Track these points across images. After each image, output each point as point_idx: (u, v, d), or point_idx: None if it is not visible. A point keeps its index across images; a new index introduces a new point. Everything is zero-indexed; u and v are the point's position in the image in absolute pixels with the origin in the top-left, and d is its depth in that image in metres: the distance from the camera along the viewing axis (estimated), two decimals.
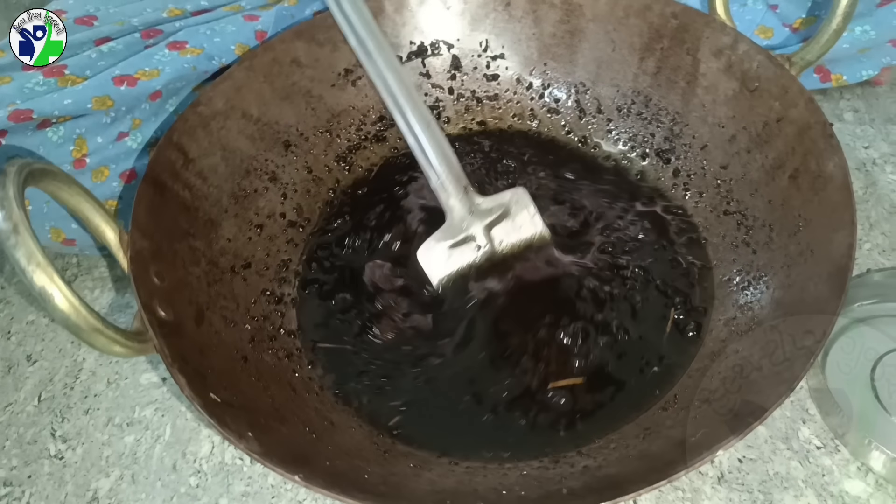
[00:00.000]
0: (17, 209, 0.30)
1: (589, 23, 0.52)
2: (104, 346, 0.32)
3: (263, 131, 0.50)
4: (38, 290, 0.30)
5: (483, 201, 0.44)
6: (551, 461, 0.36)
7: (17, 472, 0.42)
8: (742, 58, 0.44)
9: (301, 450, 0.34)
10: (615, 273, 0.44)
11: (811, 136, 0.38)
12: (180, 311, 0.38)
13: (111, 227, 0.38)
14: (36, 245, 0.30)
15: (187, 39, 0.48)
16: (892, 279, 0.44)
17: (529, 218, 0.45)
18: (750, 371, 0.34)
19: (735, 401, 0.33)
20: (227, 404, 0.33)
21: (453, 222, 0.44)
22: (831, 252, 0.34)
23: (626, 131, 0.52)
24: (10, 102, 0.43)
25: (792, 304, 0.35)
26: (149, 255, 0.38)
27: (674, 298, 0.43)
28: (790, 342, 0.32)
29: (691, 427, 0.33)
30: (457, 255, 0.44)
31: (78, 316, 0.30)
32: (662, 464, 0.30)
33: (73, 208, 0.37)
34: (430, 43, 0.55)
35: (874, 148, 0.55)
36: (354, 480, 0.32)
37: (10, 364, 0.48)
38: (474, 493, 0.33)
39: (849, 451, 0.38)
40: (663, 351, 0.40)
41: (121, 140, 0.47)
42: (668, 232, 0.46)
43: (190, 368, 0.34)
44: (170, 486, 0.40)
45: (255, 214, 0.48)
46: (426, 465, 0.36)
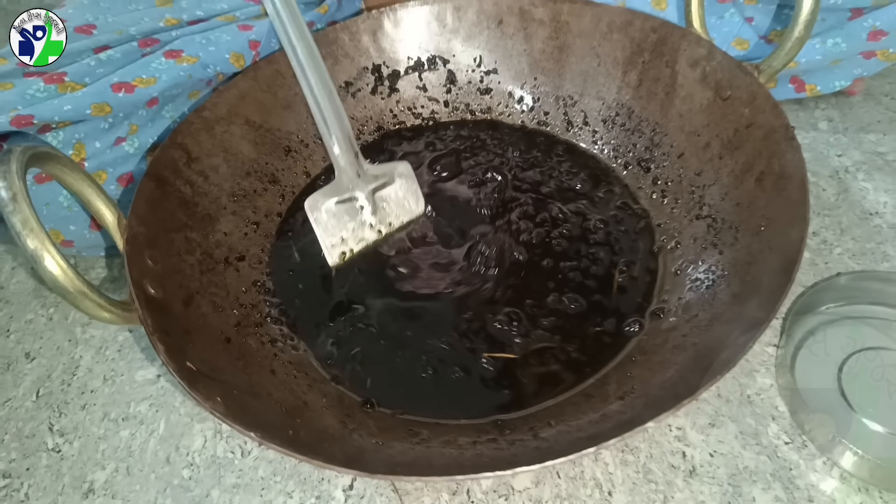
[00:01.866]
0: (17, 181, 0.33)
1: (576, 39, 0.54)
2: (90, 308, 0.35)
3: (265, 137, 0.52)
4: (31, 253, 0.32)
5: (370, 168, 0.50)
6: (501, 433, 0.38)
7: (16, 464, 0.43)
8: (716, 68, 0.46)
9: (267, 419, 0.36)
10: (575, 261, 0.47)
11: (775, 138, 0.40)
12: (170, 293, 0.40)
13: (111, 210, 0.40)
14: (32, 213, 0.33)
15: (183, 48, 0.50)
16: (858, 282, 0.46)
17: (411, 189, 0.51)
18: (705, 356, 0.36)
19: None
20: (202, 374, 0.35)
21: (342, 181, 0.49)
22: (786, 247, 0.36)
23: (611, 142, 0.55)
24: (12, 108, 0.44)
25: (747, 296, 0.37)
26: (144, 241, 0.40)
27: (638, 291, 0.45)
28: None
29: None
30: (342, 210, 0.49)
31: (66, 278, 0.33)
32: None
33: (76, 191, 0.40)
34: (427, 58, 0.58)
35: (847, 156, 0.57)
36: (313, 447, 0.34)
37: (10, 361, 0.49)
38: (428, 467, 0.35)
39: (815, 447, 0.39)
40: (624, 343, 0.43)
41: (118, 145, 0.49)
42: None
43: (171, 340, 0.36)
44: (163, 478, 0.42)
45: (253, 212, 0.50)
46: (388, 444, 0.38)
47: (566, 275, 0.46)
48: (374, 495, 0.39)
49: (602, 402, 0.39)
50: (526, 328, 0.44)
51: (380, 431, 0.38)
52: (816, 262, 0.49)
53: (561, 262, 0.47)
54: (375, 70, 0.58)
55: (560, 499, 0.38)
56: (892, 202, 0.53)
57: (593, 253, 0.47)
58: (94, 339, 0.50)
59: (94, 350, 0.49)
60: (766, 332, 0.44)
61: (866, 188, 0.54)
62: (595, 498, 0.38)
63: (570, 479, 0.39)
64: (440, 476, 0.32)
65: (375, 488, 0.40)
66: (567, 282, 0.46)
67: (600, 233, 0.48)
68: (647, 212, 0.50)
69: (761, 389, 0.42)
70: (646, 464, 0.40)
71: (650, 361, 0.40)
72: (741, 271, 0.40)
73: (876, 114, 0.61)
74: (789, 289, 0.33)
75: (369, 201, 0.50)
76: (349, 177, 0.49)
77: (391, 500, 0.39)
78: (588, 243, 0.48)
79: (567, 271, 0.46)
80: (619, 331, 0.43)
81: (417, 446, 0.37)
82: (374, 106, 0.59)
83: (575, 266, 0.46)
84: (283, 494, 0.40)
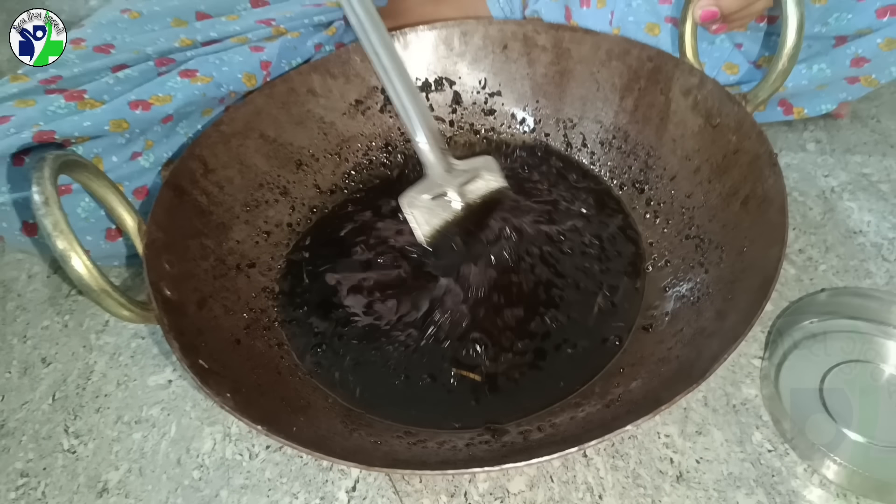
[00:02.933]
0: (49, 187, 0.35)
1: (576, 64, 0.57)
2: (111, 307, 0.37)
3: (278, 151, 0.55)
4: (60, 253, 0.35)
5: (458, 163, 0.51)
6: (492, 436, 0.40)
7: (34, 464, 0.45)
8: (707, 96, 0.48)
9: (273, 415, 0.38)
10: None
11: (759, 164, 0.43)
12: (185, 296, 0.42)
13: (131, 216, 0.42)
14: (62, 216, 0.35)
15: (198, 68, 0.52)
16: (840, 297, 0.48)
17: (497, 179, 0.52)
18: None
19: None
20: (213, 371, 0.37)
21: (433, 178, 0.50)
22: (765, 266, 0.38)
23: (608, 163, 0.57)
24: (34, 124, 0.47)
25: (728, 312, 0.39)
26: (162, 245, 0.43)
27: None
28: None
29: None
30: (435, 205, 0.50)
31: (90, 277, 0.35)
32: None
33: (100, 197, 0.42)
34: (434, 80, 0.61)
35: (833, 176, 0.59)
36: (315, 442, 0.35)
37: (27, 366, 0.51)
38: (422, 463, 0.37)
39: (797, 455, 0.41)
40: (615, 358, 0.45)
41: (134, 159, 0.51)
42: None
43: (185, 339, 0.38)
44: (174, 478, 0.44)
45: (265, 222, 0.53)
46: (386, 442, 0.39)
47: (559, 289, 0.48)
48: (375, 496, 0.41)
49: (590, 409, 0.41)
50: (511, 342, 0.45)
51: (378, 432, 0.40)
52: (802, 278, 0.51)
53: (555, 277, 0.48)
54: (385, 90, 0.60)
55: (553, 501, 0.40)
56: (876, 221, 0.55)
57: (587, 267, 0.49)
58: (107, 345, 0.52)
59: (107, 356, 0.51)
60: (752, 345, 0.47)
61: (851, 208, 0.57)
62: (587, 501, 0.40)
63: (563, 482, 0.41)
64: (435, 471, 0.34)
65: (377, 490, 0.42)
66: (559, 296, 0.47)
67: (595, 248, 0.50)
68: (639, 232, 0.52)
69: (746, 399, 0.44)
70: (635, 469, 0.41)
71: (636, 372, 0.42)
72: (724, 289, 0.42)
73: (862, 136, 0.64)
74: (765, 305, 0.35)
75: (459, 195, 0.50)
76: (438, 172, 0.50)
77: (392, 502, 0.41)
78: (582, 258, 0.50)
79: (560, 287, 0.48)
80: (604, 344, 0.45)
81: (414, 446, 0.39)
82: (383, 123, 0.61)
83: (569, 283, 0.48)
84: (288, 495, 0.42)
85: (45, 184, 0.35)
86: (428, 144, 0.50)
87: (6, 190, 0.47)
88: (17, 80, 0.51)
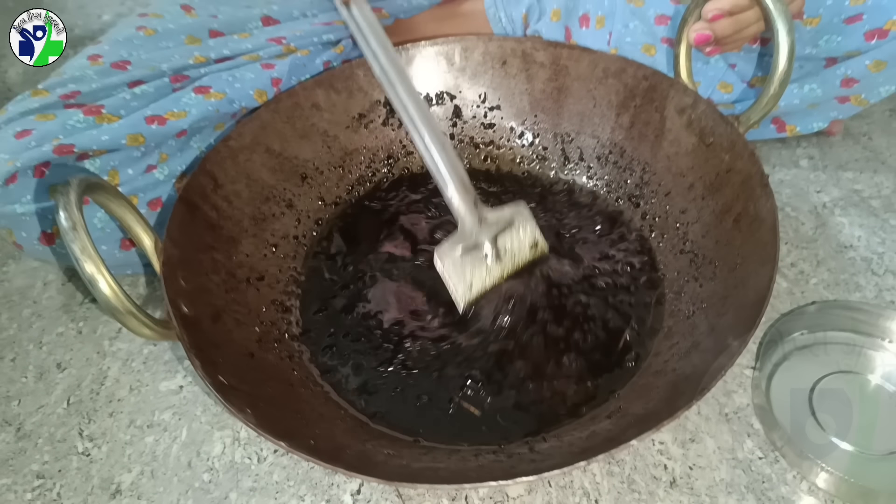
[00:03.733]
0: (76, 212, 0.36)
1: (574, 81, 0.58)
2: (135, 327, 0.38)
3: (283, 164, 0.56)
4: (88, 276, 0.36)
5: (490, 213, 0.48)
6: (500, 447, 0.42)
7: (49, 466, 0.47)
8: (700, 116, 0.50)
9: (290, 429, 0.39)
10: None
11: (751, 184, 0.44)
12: (200, 311, 0.44)
13: (148, 236, 0.44)
14: (89, 241, 0.36)
15: (211, 84, 0.54)
16: (829, 310, 0.49)
17: (531, 229, 0.49)
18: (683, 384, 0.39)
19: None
20: (232, 387, 0.39)
21: (465, 230, 0.47)
22: (757, 283, 0.39)
23: (604, 178, 0.59)
24: (54, 137, 0.48)
25: (722, 328, 0.41)
26: (177, 262, 0.44)
27: (629, 323, 0.48)
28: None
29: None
30: (468, 260, 0.47)
31: (117, 299, 0.37)
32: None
33: (119, 217, 0.43)
34: (436, 94, 0.62)
35: (825, 192, 0.61)
36: (334, 455, 0.36)
37: (42, 371, 0.53)
38: (435, 475, 0.38)
39: (787, 462, 0.43)
40: (609, 373, 0.46)
41: (149, 172, 0.53)
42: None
43: (204, 356, 0.39)
44: (185, 481, 0.45)
45: (271, 235, 0.54)
46: (399, 454, 0.41)
47: (584, 330, 0.48)
48: (379, 500, 0.43)
49: (591, 421, 0.42)
50: (520, 370, 0.46)
51: (389, 443, 0.42)
52: (794, 291, 0.53)
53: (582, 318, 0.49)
54: (387, 103, 0.62)
55: None
56: (866, 236, 0.57)
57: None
58: (120, 351, 0.54)
59: (120, 362, 0.53)
60: (745, 356, 0.48)
61: (842, 223, 0.58)
62: None
63: (561, 488, 0.43)
64: (447, 484, 0.35)
65: (381, 493, 0.43)
66: (583, 338, 0.48)
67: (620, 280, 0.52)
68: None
69: (738, 408, 0.46)
70: (630, 475, 0.43)
71: (635, 385, 0.44)
72: (718, 304, 0.43)
73: (854, 153, 0.65)
74: (759, 322, 0.37)
75: (493, 246, 0.48)
76: (471, 224, 0.47)
77: None
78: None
79: (586, 329, 0.48)
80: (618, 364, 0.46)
81: (424, 457, 0.41)
82: (385, 136, 0.63)
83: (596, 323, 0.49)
84: (295, 498, 0.43)
85: (71, 209, 0.36)
86: (459, 196, 0.47)
87: (27, 200, 0.49)
88: (37, 95, 0.53)
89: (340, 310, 0.51)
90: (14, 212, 0.48)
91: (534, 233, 0.49)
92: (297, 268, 0.55)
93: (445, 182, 0.47)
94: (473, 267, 0.48)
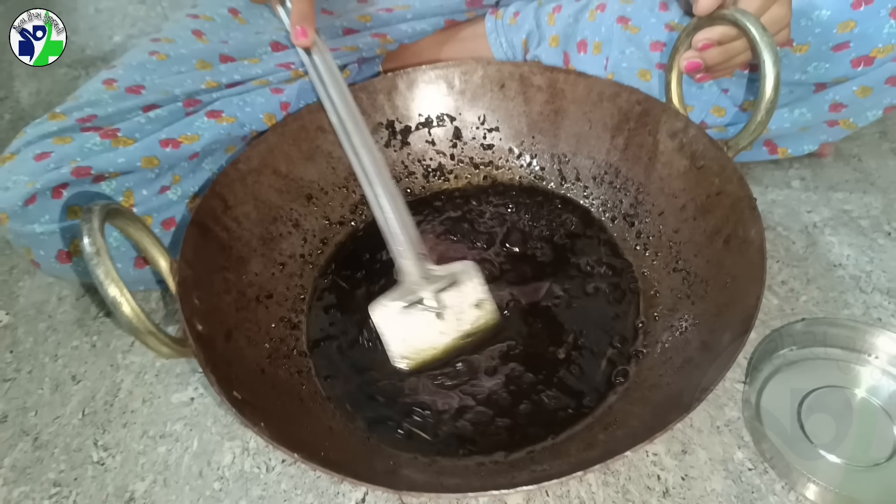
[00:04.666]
0: (99, 238, 0.38)
1: (570, 104, 0.61)
2: (155, 345, 0.40)
3: (290, 185, 0.58)
4: (111, 299, 0.38)
5: (435, 269, 0.49)
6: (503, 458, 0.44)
7: (65, 474, 0.49)
8: (691, 140, 0.52)
9: (302, 442, 0.41)
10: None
11: (740, 207, 0.46)
12: (213, 329, 0.45)
13: (164, 257, 0.46)
14: (112, 265, 0.38)
15: (223, 109, 0.57)
16: (817, 327, 0.51)
17: (476, 287, 0.50)
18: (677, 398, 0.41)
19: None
20: (246, 402, 0.40)
21: (407, 285, 0.49)
22: (746, 302, 0.41)
23: (600, 197, 0.61)
24: (72, 160, 0.51)
25: (713, 344, 0.42)
26: (191, 282, 0.46)
27: (616, 338, 0.51)
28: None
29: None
30: (408, 316, 0.49)
31: (138, 320, 0.38)
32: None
33: (136, 241, 0.45)
34: (436, 116, 0.65)
35: (816, 212, 0.63)
36: (344, 466, 0.38)
37: (58, 383, 0.55)
38: (439, 484, 0.40)
39: (776, 473, 0.45)
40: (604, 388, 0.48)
41: (163, 193, 0.55)
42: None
43: (219, 372, 0.41)
44: (196, 489, 0.47)
45: (279, 254, 0.56)
46: (403, 465, 0.43)
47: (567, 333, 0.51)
48: None
49: (589, 434, 0.44)
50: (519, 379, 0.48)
51: (394, 455, 0.44)
52: (784, 308, 0.55)
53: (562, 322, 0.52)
54: (389, 125, 0.64)
55: None
56: (855, 255, 0.59)
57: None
58: (133, 364, 0.56)
59: (133, 374, 0.55)
60: (735, 370, 0.50)
61: (832, 242, 0.60)
62: None
63: (558, 497, 0.44)
64: (452, 493, 0.36)
65: (385, 502, 0.45)
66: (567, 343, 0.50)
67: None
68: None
69: (730, 421, 0.48)
70: (625, 485, 0.45)
71: (631, 398, 0.45)
72: (709, 321, 0.45)
73: (844, 174, 0.67)
74: (747, 338, 0.38)
75: (435, 301, 0.49)
76: (414, 279, 0.49)
77: None
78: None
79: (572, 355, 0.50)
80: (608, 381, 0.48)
81: (430, 468, 0.43)
82: (387, 158, 0.65)
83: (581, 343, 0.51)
84: None
85: (95, 235, 0.38)
86: (404, 253, 0.49)
87: (46, 220, 0.50)
88: (55, 118, 0.55)
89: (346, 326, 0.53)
90: (33, 231, 0.50)
91: (478, 291, 0.50)
92: (304, 285, 0.56)
93: (393, 236, 0.49)
94: (416, 325, 0.49)
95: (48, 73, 0.99)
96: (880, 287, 0.56)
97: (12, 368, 0.57)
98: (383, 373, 0.49)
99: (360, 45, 0.65)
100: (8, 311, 0.62)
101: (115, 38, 1.08)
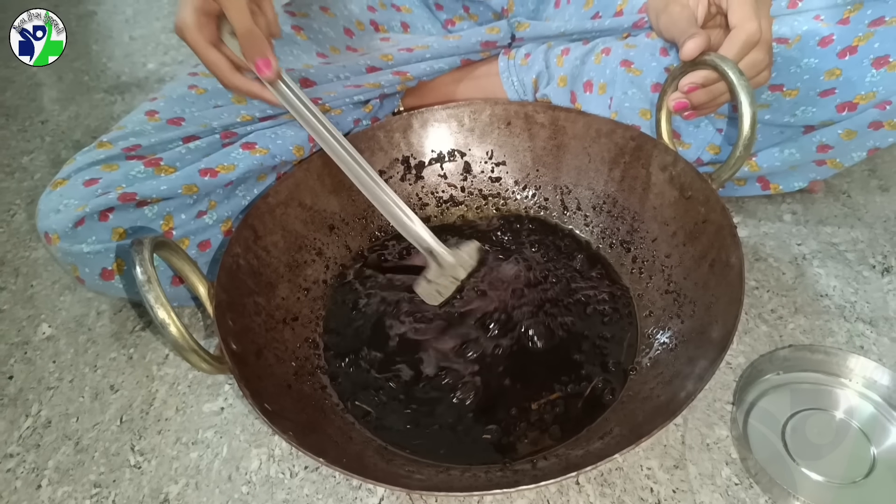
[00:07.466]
0: (149, 266, 0.42)
1: (571, 140, 0.65)
2: (196, 362, 0.44)
3: (314, 217, 0.63)
4: (160, 321, 0.42)
5: (448, 256, 0.56)
6: (507, 465, 0.47)
7: (105, 476, 0.53)
8: (680, 173, 0.57)
9: (325, 449, 0.44)
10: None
11: (723, 234, 0.50)
12: (245, 348, 0.50)
13: (202, 283, 0.50)
14: (161, 291, 0.42)
15: (256, 141, 0.61)
16: (801, 353, 0.55)
17: (470, 250, 0.57)
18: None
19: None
20: (276, 413, 0.44)
21: (430, 270, 0.56)
22: (726, 321, 0.45)
23: (599, 225, 0.65)
24: (118, 186, 0.55)
25: (698, 358, 0.46)
26: (226, 306, 0.50)
27: (612, 357, 0.55)
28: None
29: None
30: (436, 285, 0.57)
31: (183, 340, 0.43)
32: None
33: (178, 269, 0.50)
34: (448, 151, 0.70)
35: (805, 245, 0.67)
36: (363, 470, 0.42)
37: (97, 392, 0.59)
38: (451, 487, 0.44)
39: (760, 489, 0.48)
40: (600, 402, 0.51)
41: (200, 217, 0.59)
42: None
43: (252, 386, 0.45)
44: (226, 493, 0.51)
45: (304, 280, 0.60)
46: (419, 470, 0.47)
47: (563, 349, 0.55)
48: None
49: (587, 442, 0.48)
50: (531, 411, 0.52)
51: (410, 462, 0.48)
52: (773, 334, 0.58)
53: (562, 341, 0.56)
54: (404, 161, 0.69)
55: None
56: (840, 286, 0.62)
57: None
58: (168, 375, 0.60)
59: (168, 385, 0.59)
60: (726, 392, 0.54)
61: (819, 273, 0.64)
62: None
63: None
64: (460, 492, 0.41)
65: None
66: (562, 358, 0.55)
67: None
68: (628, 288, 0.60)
69: (718, 439, 0.51)
70: (620, 496, 0.48)
71: (625, 409, 0.49)
72: (696, 338, 0.49)
73: (833, 209, 0.71)
74: (725, 353, 0.42)
75: (453, 276, 0.57)
76: (435, 267, 0.57)
77: None
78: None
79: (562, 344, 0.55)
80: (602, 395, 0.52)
81: (441, 474, 0.47)
82: (402, 191, 0.70)
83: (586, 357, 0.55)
84: None
85: (146, 265, 0.42)
86: (424, 249, 0.56)
87: (92, 241, 0.55)
88: (102, 147, 0.60)
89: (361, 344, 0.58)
90: (81, 251, 0.55)
91: (471, 250, 0.58)
92: (326, 309, 0.61)
93: (415, 241, 0.56)
94: (438, 285, 0.57)
95: (86, 98, 1.04)
96: (863, 317, 0.59)
97: (55, 377, 0.61)
98: (397, 387, 0.54)
99: (382, 81, 0.70)
100: (51, 324, 0.67)
101: (148, 65, 1.14)
